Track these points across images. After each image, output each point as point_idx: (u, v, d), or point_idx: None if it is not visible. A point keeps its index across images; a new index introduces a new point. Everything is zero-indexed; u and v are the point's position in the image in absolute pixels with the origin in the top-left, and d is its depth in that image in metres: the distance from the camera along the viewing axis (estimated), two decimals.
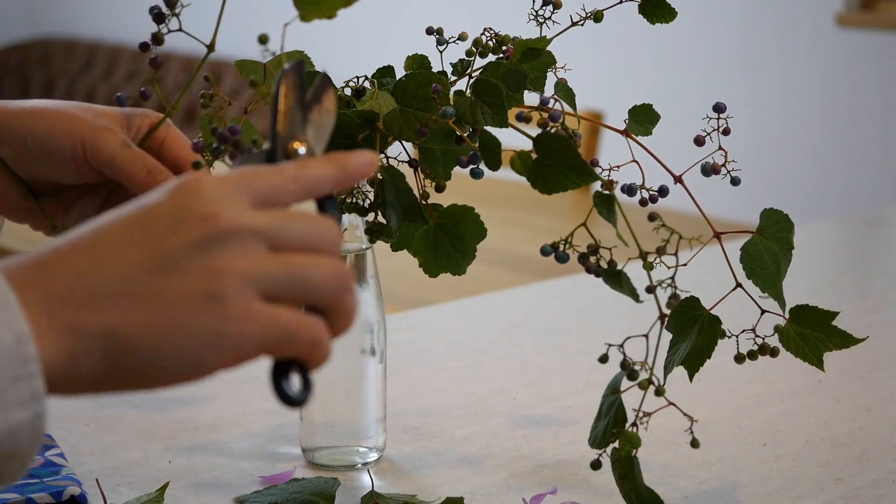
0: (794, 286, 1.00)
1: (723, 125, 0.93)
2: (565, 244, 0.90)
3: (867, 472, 1.03)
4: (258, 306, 0.60)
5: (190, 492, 0.98)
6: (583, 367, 1.27)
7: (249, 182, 0.63)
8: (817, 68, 3.72)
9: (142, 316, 0.59)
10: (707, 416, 1.12)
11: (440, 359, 1.32)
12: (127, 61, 5.33)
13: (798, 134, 3.79)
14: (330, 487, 0.95)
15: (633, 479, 0.90)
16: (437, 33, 0.96)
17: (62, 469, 0.96)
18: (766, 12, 3.80)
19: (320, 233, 0.63)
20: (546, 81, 0.93)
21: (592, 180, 0.88)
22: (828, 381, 1.21)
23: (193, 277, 0.60)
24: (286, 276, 0.61)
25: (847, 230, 2.05)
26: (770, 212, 0.94)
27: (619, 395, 0.90)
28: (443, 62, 0.94)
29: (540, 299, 1.59)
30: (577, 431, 1.09)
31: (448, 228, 0.94)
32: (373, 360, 1.02)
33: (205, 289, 0.59)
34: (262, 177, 0.64)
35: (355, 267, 1.00)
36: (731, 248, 0.92)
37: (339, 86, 0.93)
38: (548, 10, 0.94)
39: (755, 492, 0.99)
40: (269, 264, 0.61)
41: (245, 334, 0.60)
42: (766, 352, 0.94)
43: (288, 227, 0.62)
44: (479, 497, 0.98)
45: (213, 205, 0.61)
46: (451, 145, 0.92)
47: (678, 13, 0.94)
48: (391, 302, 1.26)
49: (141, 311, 0.59)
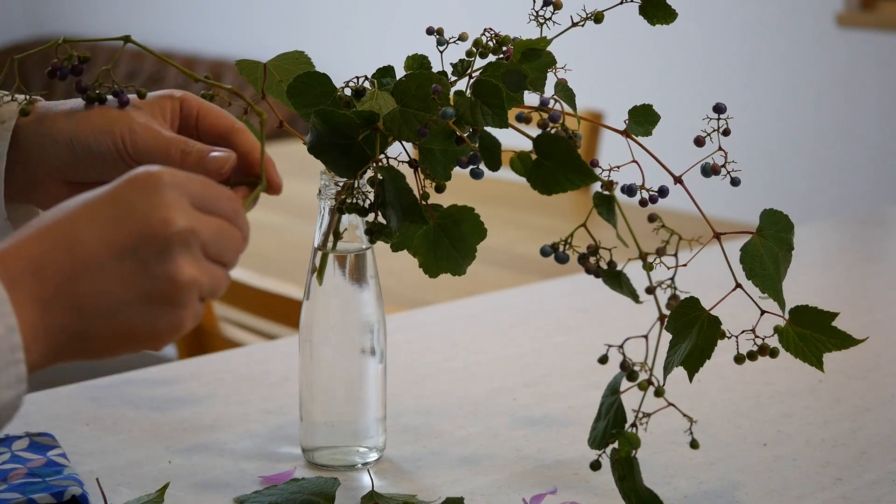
0: (794, 286, 1.00)
1: (723, 126, 0.93)
2: (565, 245, 0.90)
3: (867, 472, 1.03)
4: (198, 306, 0.74)
5: (190, 492, 0.98)
6: (583, 368, 1.27)
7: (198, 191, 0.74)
8: (817, 68, 3.72)
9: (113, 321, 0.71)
10: (707, 416, 1.12)
11: (440, 359, 1.32)
12: (127, 61, 5.34)
13: (798, 134, 3.79)
14: (330, 487, 0.95)
15: (632, 480, 0.90)
16: (437, 33, 0.96)
17: (64, 469, 0.97)
18: (766, 12, 3.80)
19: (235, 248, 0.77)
20: (546, 82, 0.93)
21: (592, 181, 0.88)
22: (828, 381, 1.22)
23: (156, 282, 0.71)
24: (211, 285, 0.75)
25: (847, 230, 2.05)
26: (770, 212, 0.94)
27: (618, 395, 0.90)
28: (443, 62, 0.94)
29: (540, 299, 1.59)
30: (577, 431, 1.09)
31: (448, 229, 0.94)
32: (373, 360, 1.02)
33: (164, 294, 0.72)
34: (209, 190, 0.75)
35: (355, 267, 1.01)
36: (731, 248, 0.93)
37: (339, 86, 0.94)
38: (548, 10, 0.94)
39: (755, 492, 0.99)
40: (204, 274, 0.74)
41: (185, 327, 0.74)
42: (765, 352, 0.94)
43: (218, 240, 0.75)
44: (479, 497, 0.98)
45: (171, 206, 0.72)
46: (451, 146, 0.92)
47: (678, 14, 0.94)
48: (391, 302, 1.27)
49: (113, 317, 0.71)
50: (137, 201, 0.71)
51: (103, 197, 0.71)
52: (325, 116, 0.90)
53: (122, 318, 0.71)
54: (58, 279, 0.69)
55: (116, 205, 0.71)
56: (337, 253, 1.00)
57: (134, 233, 0.70)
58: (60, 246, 0.69)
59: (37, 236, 0.70)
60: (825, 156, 3.75)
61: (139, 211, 0.71)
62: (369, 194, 0.95)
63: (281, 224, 2.43)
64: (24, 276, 0.68)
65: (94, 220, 0.70)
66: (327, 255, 0.99)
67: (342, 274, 1.00)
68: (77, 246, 0.70)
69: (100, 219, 0.70)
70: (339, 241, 0.99)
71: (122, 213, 0.70)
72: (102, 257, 0.70)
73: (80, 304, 0.70)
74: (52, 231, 0.70)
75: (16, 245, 0.69)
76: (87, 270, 0.69)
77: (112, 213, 0.71)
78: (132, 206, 0.71)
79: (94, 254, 0.70)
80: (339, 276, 1.00)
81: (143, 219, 0.71)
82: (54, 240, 0.70)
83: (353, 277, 1.01)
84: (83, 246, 0.70)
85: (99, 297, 0.70)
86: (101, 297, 0.70)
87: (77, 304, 0.69)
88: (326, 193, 0.98)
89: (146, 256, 0.71)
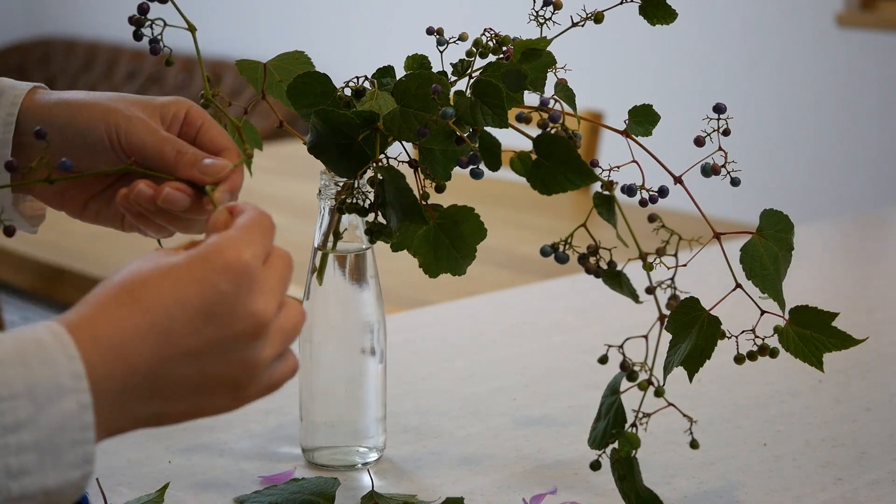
0: (794, 286, 1.00)
1: (723, 126, 0.93)
2: (565, 245, 0.90)
3: (867, 472, 1.03)
4: (264, 382, 0.73)
5: (190, 492, 0.98)
6: (583, 368, 1.27)
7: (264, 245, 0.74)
8: (817, 68, 3.72)
9: (184, 404, 0.71)
10: (707, 416, 1.12)
11: (440, 359, 1.32)
12: (127, 61, 5.34)
13: (798, 134, 3.79)
14: (330, 487, 0.95)
15: (632, 480, 0.90)
16: (437, 33, 0.96)
17: None
18: (766, 12, 3.80)
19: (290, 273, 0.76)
20: (546, 82, 0.93)
21: (592, 181, 0.88)
22: (828, 381, 1.22)
23: (232, 369, 0.71)
24: (285, 345, 0.74)
25: (847, 230, 2.05)
26: (770, 212, 0.94)
27: (618, 395, 0.90)
28: (443, 62, 0.94)
29: (540, 299, 1.59)
30: (577, 431, 1.09)
31: (448, 229, 0.94)
32: (373, 360, 1.02)
33: (236, 378, 0.72)
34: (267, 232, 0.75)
35: (355, 267, 1.01)
36: (731, 248, 0.93)
37: (339, 86, 0.94)
38: (548, 10, 0.94)
39: (755, 492, 0.99)
40: (280, 343, 0.73)
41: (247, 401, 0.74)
42: (765, 352, 0.94)
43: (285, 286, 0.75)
44: (479, 497, 0.98)
45: (260, 297, 0.71)
46: (451, 146, 0.92)
47: (678, 14, 0.94)
48: (391, 302, 1.27)
49: (184, 400, 0.71)
50: (226, 292, 0.70)
51: (189, 277, 0.70)
52: (325, 116, 0.90)
53: (194, 401, 0.71)
54: (144, 368, 0.68)
55: (208, 295, 0.70)
56: (337, 253, 1.00)
57: (223, 325, 0.70)
58: (150, 335, 0.68)
59: (123, 315, 0.68)
60: (825, 156, 3.75)
61: (227, 303, 0.70)
62: (369, 194, 0.95)
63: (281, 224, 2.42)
64: (107, 357, 0.67)
65: (184, 309, 0.69)
66: (327, 255, 0.99)
67: (342, 274, 1.00)
68: (166, 338, 0.69)
69: (190, 309, 0.69)
70: (339, 241, 0.99)
71: (214, 308, 0.70)
72: (190, 349, 0.69)
73: (159, 391, 0.69)
74: (140, 310, 0.69)
75: (97, 320, 0.68)
76: (173, 361, 0.69)
77: (200, 302, 0.70)
78: (225, 302, 0.70)
79: (183, 345, 0.69)
80: (339, 276, 1.00)
81: (231, 313, 0.70)
82: (144, 325, 0.68)
83: (353, 277, 1.01)
84: (173, 338, 0.69)
85: (178, 385, 0.70)
86: (180, 385, 0.70)
87: (156, 392, 0.69)
88: (326, 193, 0.98)
89: (232, 349, 0.71)
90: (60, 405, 0.65)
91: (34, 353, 0.65)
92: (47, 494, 0.66)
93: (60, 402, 0.65)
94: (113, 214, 0.92)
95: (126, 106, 0.89)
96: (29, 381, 0.65)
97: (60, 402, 0.65)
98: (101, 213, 0.92)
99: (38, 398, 0.65)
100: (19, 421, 0.64)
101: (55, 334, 0.66)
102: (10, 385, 0.64)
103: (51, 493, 0.66)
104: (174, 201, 0.85)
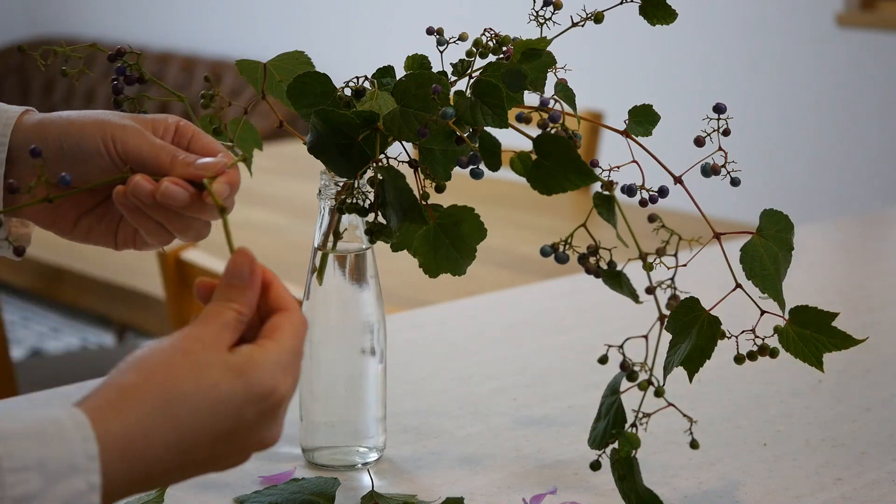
0: (794, 286, 1.00)
1: (723, 126, 0.93)
2: (565, 245, 0.90)
3: (867, 472, 1.03)
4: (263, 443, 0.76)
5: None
6: (583, 368, 1.27)
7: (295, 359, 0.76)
8: (817, 68, 3.72)
9: (190, 474, 0.73)
10: (707, 416, 1.12)
11: (440, 359, 1.32)
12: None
13: (798, 134, 3.79)
14: (330, 487, 0.95)
15: (632, 480, 0.90)
16: (437, 33, 0.96)
17: None
18: (766, 12, 3.80)
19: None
20: (546, 82, 0.93)
21: (592, 181, 0.88)
22: (828, 381, 1.22)
23: (247, 452, 0.75)
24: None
25: (847, 230, 2.05)
26: (770, 212, 0.94)
27: (618, 395, 0.90)
28: (443, 62, 0.94)
29: (540, 299, 1.59)
30: (577, 431, 1.09)
31: (448, 229, 0.94)
32: (373, 360, 1.02)
33: (245, 451, 0.75)
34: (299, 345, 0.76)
35: (355, 267, 1.01)
36: (731, 248, 0.93)
37: (339, 86, 0.94)
38: (548, 10, 0.94)
39: (755, 492, 0.99)
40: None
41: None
42: (765, 352, 0.94)
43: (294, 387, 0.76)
44: (479, 497, 0.98)
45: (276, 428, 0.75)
46: (451, 146, 0.92)
47: (678, 14, 0.94)
48: (391, 302, 1.26)
49: (192, 472, 0.73)
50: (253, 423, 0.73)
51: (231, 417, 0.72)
52: (325, 116, 0.90)
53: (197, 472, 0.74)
54: (158, 475, 0.71)
55: (235, 424, 0.73)
56: (337, 253, 1.00)
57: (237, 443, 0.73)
58: (174, 452, 0.71)
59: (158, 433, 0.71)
60: (825, 156, 3.75)
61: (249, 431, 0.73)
62: (369, 194, 0.95)
63: (281, 224, 2.43)
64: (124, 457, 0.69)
65: (212, 436, 0.72)
66: (327, 255, 0.99)
67: (342, 274, 1.00)
68: (186, 455, 0.71)
69: (217, 431, 0.72)
70: (339, 241, 0.99)
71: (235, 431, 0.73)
72: (205, 460, 0.73)
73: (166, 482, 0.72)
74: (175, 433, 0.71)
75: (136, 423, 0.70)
76: (183, 470, 0.72)
77: (229, 430, 0.72)
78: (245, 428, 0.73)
79: (198, 460, 0.72)
80: (339, 276, 1.00)
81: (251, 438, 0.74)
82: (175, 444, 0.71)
83: (353, 277, 1.01)
84: (192, 455, 0.72)
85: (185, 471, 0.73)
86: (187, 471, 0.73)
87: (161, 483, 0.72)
88: (326, 193, 0.98)
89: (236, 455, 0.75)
90: (71, 483, 0.67)
91: (51, 432, 0.67)
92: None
93: (71, 480, 0.67)
94: (105, 230, 0.92)
95: (118, 118, 0.90)
96: (42, 457, 0.67)
97: (71, 480, 0.67)
98: (93, 229, 0.92)
99: (49, 474, 0.67)
100: (29, 494, 0.66)
101: (72, 416, 0.68)
102: (24, 458, 0.66)
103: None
104: (173, 195, 0.85)
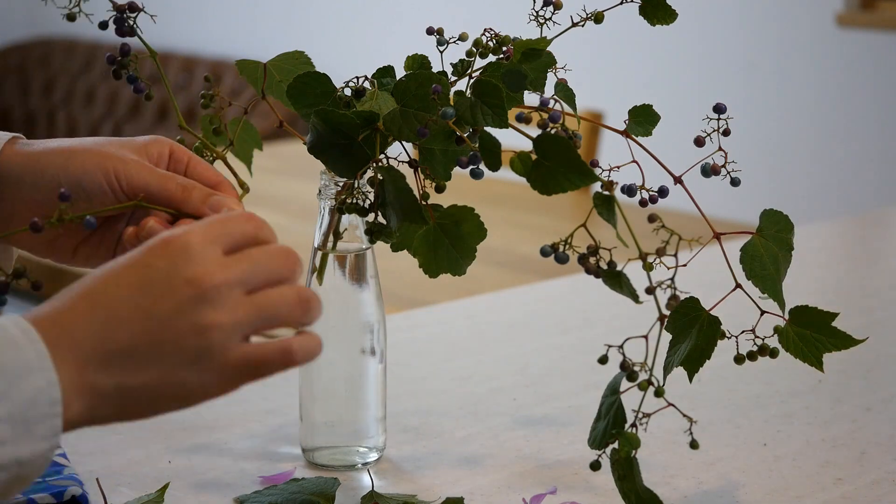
0: (794, 286, 1.00)
1: (723, 126, 0.93)
2: (565, 245, 0.90)
3: (867, 472, 1.03)
4: (235, 353, 0.74)
5: (190, 492, 0.98)
6: (583, 368, 1.27)
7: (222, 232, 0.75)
8: (817, 68, 3.72)
9: (144, 376, 0.72)
10: (707, 416, 1.12)
11: (440, 359, 1.32)
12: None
13: (798, 134, 3.79)
14: (330, 487, 0.95)
15: (632, 480, 0.90)
16: (437, 33, 0.96)
17: (64, 469, 0.97)
18: (766, 12, 3.80)
19: (281, 265, 0.76)
20: (546, 82, 0.93)
21: (592, 181, 0.88)
22: (828, 381, 1.22)
23: (185, 337, 0.72)
24: (259, 316, 0.74)
25: (847, 230, 2.05)
26: (770, 212, 0.94)
27: (618, 395, 0.90)
28: (443, 62, 0.94)
29: (540, 299, 1.59)
30: (577, 431, 1.09)
31: (448, 229, 0.94)
32: (373, 360, 1.02)
33: (195, 346, 0.73)
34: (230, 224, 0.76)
35: (355, 267, 1.01)
36: (731, 248, 0.93)
37: (339, 86, 0.94)
38: (548, 10, 0.94)
39: (755, 492, 0.99)
40: (245, 311, 0.74)
41: (226, 378, 0.74)
42: (765, 353, 0.94)
43: (256, 270, 0.75)
44: (479, 497, 0.98)
45: (197, 265, 0.73)
46: (451, 146, 0.92)
47: (678, 14, 0.94)
48: (391, 302, 1.26)
49: (143, 371, 0.72)
50: (160, 267, 0.73)
51: (128, 263, 0.74)
52: (325, 116, 0.90)
53: (156, 376, 0.73)
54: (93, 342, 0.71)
55: (139, 271, 0.73)
56: (337, 253, 1.00)
57: (159, 297, 0.72)
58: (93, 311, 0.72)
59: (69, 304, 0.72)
60: (825, 156, 3.75)
61: (162, 277, 0.73)
62: (369, 194, 0.95)
63: (281, 224, 2.43)
64: (61, 339, 0.71)
65: (119, 285, 0.73)
66: (327, 255, 0.99)
67: (342, 274, 1.00)
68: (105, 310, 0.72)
69: (124, 284, 0.73)
70: (339, 241, 0.99)
71: (149, 282, 0.73)
72: (131, 317, 0.72)
73: (114, 363, 0.72)
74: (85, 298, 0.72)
75: (50, 312, 0.72)
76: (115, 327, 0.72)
77: (136, 279, 0.73)
78: (159, 276, 0.73)
79: (122, 315, 0.72)
80: (339, 276, 1.00)
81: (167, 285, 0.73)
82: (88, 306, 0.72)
83: (353, 277, 1.01)
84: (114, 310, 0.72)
85: (129, 353, 0.72)
86: (131, 353, 0.72)
87: (111, 363, 0.72)
88: (326, 193, 0.98)
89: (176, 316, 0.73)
90: (30, 381, 0.69)
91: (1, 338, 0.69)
92: (20, 465, 0.70)
93: (29, 379, 0.69)
94: (105, 253, 0.92)
95: (116, 149, 0.89)
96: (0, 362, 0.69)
97: (29, 379, 0.69)
98: (93, 255, 0.92)
99: (7, 375, 0.69)
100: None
101: (15, 322, 0.71)
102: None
103: (23, 463, 0.70)
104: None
